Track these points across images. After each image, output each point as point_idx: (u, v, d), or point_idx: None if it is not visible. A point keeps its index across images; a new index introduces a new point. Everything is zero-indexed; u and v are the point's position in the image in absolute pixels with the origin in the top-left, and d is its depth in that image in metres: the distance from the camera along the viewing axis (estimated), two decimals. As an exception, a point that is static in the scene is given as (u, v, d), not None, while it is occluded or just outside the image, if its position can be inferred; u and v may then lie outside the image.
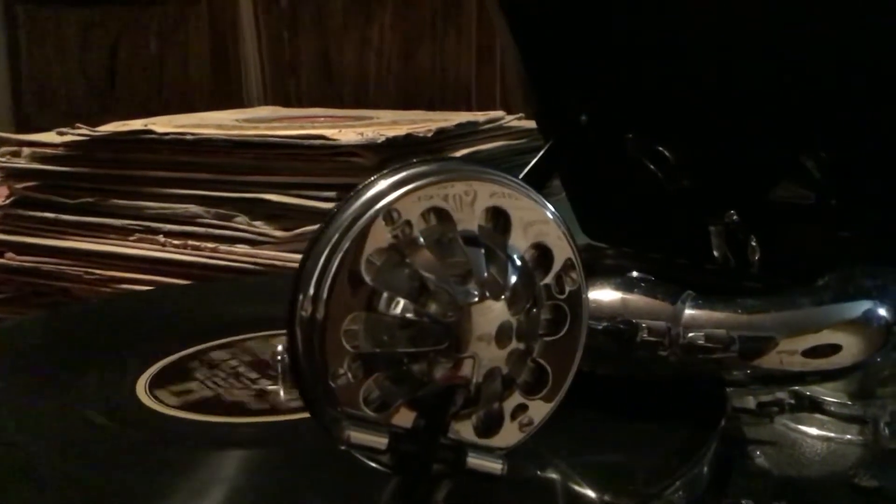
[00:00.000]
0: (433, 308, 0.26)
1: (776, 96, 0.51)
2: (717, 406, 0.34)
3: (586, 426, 0.33)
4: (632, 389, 0.35)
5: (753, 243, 0.49)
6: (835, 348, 0.33)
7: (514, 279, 0.27)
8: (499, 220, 0.27)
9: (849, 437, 0.37)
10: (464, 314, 0.26)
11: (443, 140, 0.66)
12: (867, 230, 0.48)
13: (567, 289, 0.28)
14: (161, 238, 0.68)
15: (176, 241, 0.67)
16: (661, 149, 0.59)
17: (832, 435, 0.37)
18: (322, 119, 0.76)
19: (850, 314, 0.33)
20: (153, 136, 0.68)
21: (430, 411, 0.26)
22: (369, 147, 0.61)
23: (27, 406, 0.37)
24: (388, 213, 0.26)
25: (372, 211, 0.26)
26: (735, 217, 0.51)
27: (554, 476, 0.30)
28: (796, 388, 0.39)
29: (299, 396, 0.26)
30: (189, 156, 0.67)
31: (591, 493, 0.29)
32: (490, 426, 0.28)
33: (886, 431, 0.36)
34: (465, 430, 0.27)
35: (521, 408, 0.28)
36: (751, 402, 0.39)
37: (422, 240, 0.26)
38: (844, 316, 0.33)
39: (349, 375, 0.26)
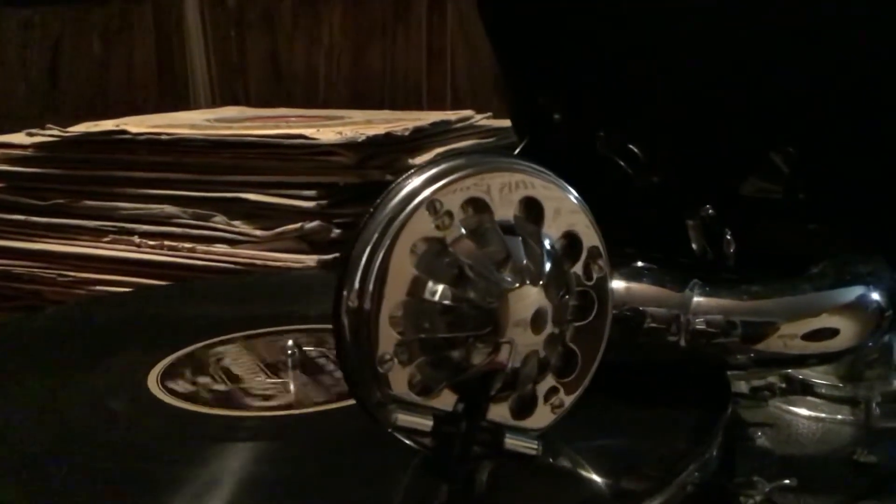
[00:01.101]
0: (473, 294, 0.27)
1: (744, 94, 0.53)
2: (722, 392, 0.36)
3: (600, 415, 0.34)
4: (639, 379, 0.36)
5: (728, 237, 0.50)
6: (833, 332, 0.35)
7: (548, 266, 0.28)
8: (532, 209, 0.28)
9: (840, 417, 0.39)
10: (503, 300, 0.27)
11: (419, 139, 0.67)
12: (834, 222, 0.50)
13: (594, 276, 0.30)
14: (136, 239, 0.67)
15: (152, 242, 0.67)
16: (631, 147, 0.60)
17: (824, 415, 0.39)
18: (294, 119, 0.77)
19: (847, 299, 0.35)
20: (127, 136, 0.67)
21: (471, 395, 0.27)
22: (350, 146, 0.61)
23: (40, 401, 0.37)
24: (431, 204, 0.27)
25: (416, 201, 0.27)
26: (710, 211, 0.53)
27: (573, 462, 0.31)
28: (788, 372, 0.40)
29: (346, 382, 0.27)
30: (164, 156, 0.67)
31: (610, 478, 0.30)
32: (524, 408, 0.29)
33: (878, 411, 0.38)
34: (501, 412, 0.28)
35: (553, 390, 0.29)
36: (743, 387, 0.41)
37: (462, 229, 0.27)
38: (842, 300, 0.35)
39: (395, 361, 0.27)
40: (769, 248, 0.50)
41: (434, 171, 0.27)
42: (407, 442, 0.28)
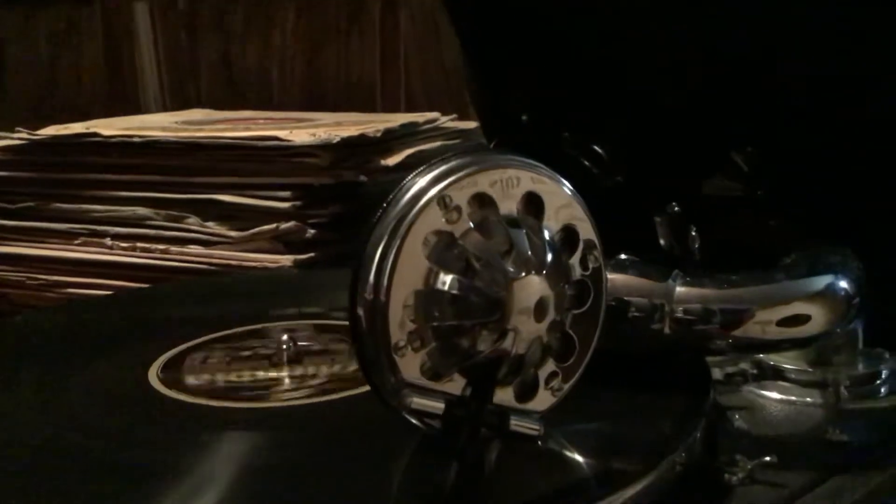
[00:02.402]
0: (480, 284, 0.29)
1: (706, 96, 0.55)
2: (703, 379, 0.38)
3: (593, 403, 0.35)
4: (626, 369, 0.38)
5: (693, 233, 0.53)
6: (806, 318, 0.37)
7: (550, 257, 0.30)
8: (533, 203, 0.30)
9: (810, 399, 0.41)
10: (509, 289, 0.29)
11: (389, 140, 0.68)
12: (793, 218, 0.53)
13: (590, 266, 0.31)
14: (108, 241, 0.68)
15: (124, 244, 0.67)
16: (595, 147, 0.62)
17: (794, 398, 0.41)
18: (262, 121, 0.78)
19: (818, 287, 0.37)
20: (99, 138, 0.68)
21: (478, 380, 0.29)
22: (324, 147, 0.63)
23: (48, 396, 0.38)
24: (441, 199, 0.28)
25: (427, 197, 0.28)
26: (676, 208, 0.55)
27: (570, 446, 0.33)
28: (759, 358, 0.43)
29: (361, 369, 0.29)
30: (136, 158, 0.68)
31: (606, 460, 0.32)
32: (527, 392, 0.31)
33: (846, 393, 0.40)
34: (506, 395, 0.30)
35: (553, 375, 0.31)
36: (717, 374, 0.43)
37: (470, 223, 0.29)
38: (813, 288, 0.37)
39: (408, 348, 0.28)
40: (733, 243, 0.52)
41: (442, 168, 0.29)
42: (418, 424, 0.29)
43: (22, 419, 0.37)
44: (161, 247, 0.66)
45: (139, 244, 0.67)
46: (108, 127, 0.71)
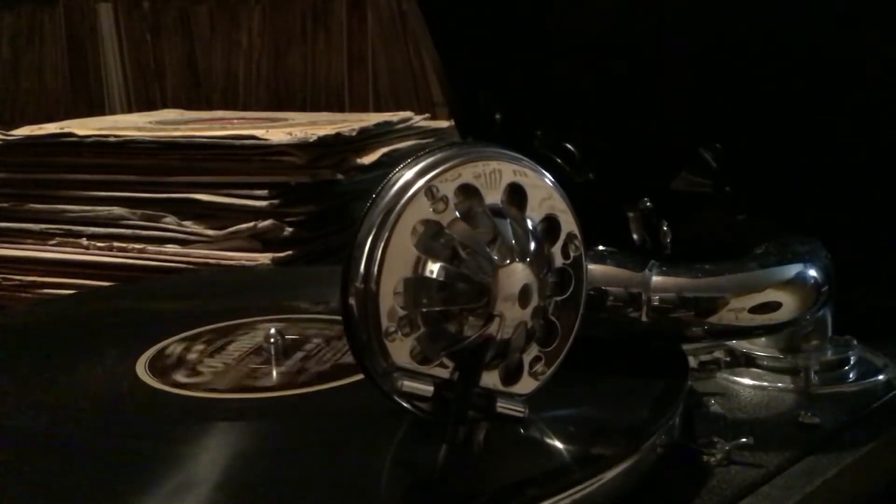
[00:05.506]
0: (467, 271, 0.30)
1: (676, 96, 0.57)
2: (680, 366, 0.39)
3: (578, 390, 0.36)
4: (609, 357, 0.39)
5: (665, 227, 0.54)
6: (777, 305, 0.39)
7: (533, 246, 0.31)
8: (516, 194, 0.31)
9: (781, 385, 0.42)
10: (494, 276, 0.30)
11: (364, 139, 0.69)
12: (759, 212, 0.54)
13: (571, 255, 0.32)
14: (84, 241, 0.68)
15: (100, 244, 0.68)
16: (567, 145, 0.64)
17: (766, 384, 0.42)
18: (236, 121, 0.78)
19: (789, 275, 0.39)
20: (74, 139, 0.68)
21: (466, 364, 0.30)
22: (301, 146, 0.63)
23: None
24: (429, 190, 0.29)
25: (415, 188, 0.29)
26: (648, 204, 0.56)
27: (559, 430, 0.33)
28: (732, 347, 0.44)
29: (354, 355, 0.29)
30: (112, 158, 0.68)
31: (593, 443, 0.33)
32: (511, 375, 0.31)
33: (816, 379, 0.42)
34: (492, 379, 0.31)
35: (537, 359, 0.32)
36: (691, 362, 0.44)
37: (456, 213, 0.30)
38: (784, 276, 0.39)
39: (398, 334, 0.29)
40: (702, 237, 0.54)
41: (429, 160, 0.30)
42: (408, 407, 0.30)
43: (13, 413, 0.37)
44: (138, 246, 0.67)
45: (115, 244, 0.67)
46: (82, 127, 0.71)
